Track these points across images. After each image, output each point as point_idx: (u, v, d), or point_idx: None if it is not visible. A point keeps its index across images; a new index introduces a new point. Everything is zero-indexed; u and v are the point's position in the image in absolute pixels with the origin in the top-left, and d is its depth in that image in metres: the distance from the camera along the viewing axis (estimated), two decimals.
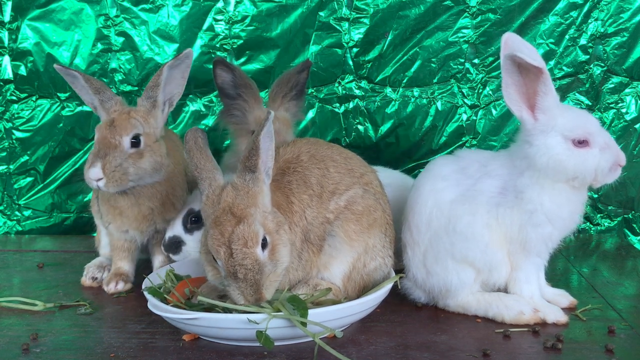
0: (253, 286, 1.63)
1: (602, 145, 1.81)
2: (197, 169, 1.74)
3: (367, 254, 1.87)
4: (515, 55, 1.76)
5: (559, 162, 1.80)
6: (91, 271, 2.37)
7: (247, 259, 1.62)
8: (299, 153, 1.90)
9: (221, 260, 1.64)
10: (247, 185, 1.69)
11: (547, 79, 1.79)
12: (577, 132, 1.80)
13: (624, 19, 2.96)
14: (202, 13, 3.06)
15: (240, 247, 1.61)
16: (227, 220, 1.64)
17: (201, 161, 1.74)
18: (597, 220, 3.13)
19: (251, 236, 1.62)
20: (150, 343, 1.76)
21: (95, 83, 2.09)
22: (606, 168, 1.82)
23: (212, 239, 1.64)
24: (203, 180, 1.73)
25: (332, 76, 3.12)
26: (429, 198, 1.93)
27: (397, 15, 3.02)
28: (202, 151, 1.75)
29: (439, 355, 1.64)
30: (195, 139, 1.76)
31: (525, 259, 1.90)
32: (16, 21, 3.10)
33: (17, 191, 3.27)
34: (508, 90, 1.85)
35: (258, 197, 1.69)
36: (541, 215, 1.83)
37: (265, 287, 1.64)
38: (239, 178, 1.70)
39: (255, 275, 1.62)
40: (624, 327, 1.82)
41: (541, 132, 1.83)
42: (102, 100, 2.09)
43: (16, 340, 1.79)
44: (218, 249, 1.63)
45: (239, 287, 1.63)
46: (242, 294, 1.63)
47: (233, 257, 1.62)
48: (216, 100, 3.17)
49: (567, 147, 1.81)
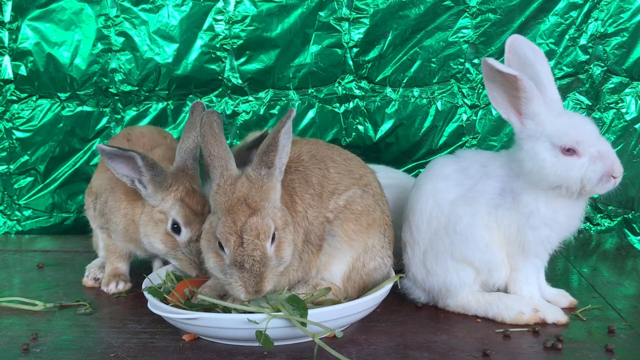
0: (256, 278, 1.63)
1: (594, 155, 1.75)
2: (210, 156, 1.73)
3: (366, 254, 1.87)
4: (487, 61, 1.76)
5: (542, 168, 1.78)
6: (92, 272, 2.37)
7: (257, 251, 1.62)
8: (300, 153, 1.91)
9: (229, 248, 1.63)
10: (262, 179, 1.69)
11: (527, 85, 1.76)
12: (564, 139, 1.76)
13: (624, 19, 2.95)
14: (202, 13, 3.06)
15: (252, 238, 1.62)
16: (241, 210, 1.64)
17: (215, 148, 1.73)
18: (597, 220, 3.13)
19: (264, 229, 1.63)
20: (150, 343, 1.76)
21: (149, 160, 2.00)
22: (594, 178, 1.75)
23: (224, 226, 1.63)
24: (215, 168, 1.72)
25: (332, 76, 3.12)
26: (430, 198, 1.93)
27: (397, 15, 3.02)
28: (216, 137, 1.74)
29: (439, 355, 1.64)
30: (210, 123, 1.75)
31: (524, 260, 1.90)
32: (16, 21, 3.10)
33: (17, 191, 3.27)
34: (493, 94, 1.84)
35: (271, 192, 1.70)
36: (538, 219, 1.83)
37: (267, 280, 1.65)
38: (254, 171, 1.70)
39: (261, 268, 1.63)
40: (624, 327, 1.82)
41: (529, 137, 1.82)
42: (154, 175, 2.01)
43: (16, 340, 1.79)
44: (229, 236, 1.63)
45: (242, 277, 1.63)
46: (244, 285, 1.63)
47: (243, 247, 1.62)
48: (216, 100, 3.17)
49: (554, 154, 1.78)
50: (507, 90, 1.81)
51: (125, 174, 2.02)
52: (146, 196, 2.04)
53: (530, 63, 1.87)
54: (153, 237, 2.05)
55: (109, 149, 1.96)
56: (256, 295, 1.64)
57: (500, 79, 1.81)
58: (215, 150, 1.73)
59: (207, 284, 1.88)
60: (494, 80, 1.82)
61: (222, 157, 1.73)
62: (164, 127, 3.08)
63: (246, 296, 1.64)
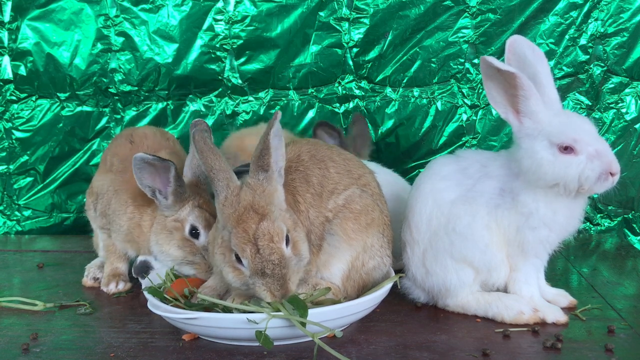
0: (280, 281, 1.63)
1: (591, 154, 1.75)
2: (212, 170, 1.71)
3: (365, 253, 1.87)
4: (486, 59, 1.76)
5: (539, 166, 1.78)
6: (92, 271, 2.37)
7: (274, 254, 1.62)
8: (300, 153, 1.91)
9: (247, 258, 1.63)
10: (262, 184, 1.69)
11: (524, 83, 1.76)
12: (562, 137, 1.76)
13: (624, 19, 2.96)
14: (202, 13, 3.07)
15: (267, 243, 1.62)
16: (250, 218, 1.64)
17: (215, 162, 1.72)
18: (597, 220, 3.13)
19: (277, 231, 1.63)
20: (150, 343, 1.76)
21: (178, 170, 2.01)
22: (592, 177, 1.75)
23: (237, 237, 1.63)
24: (220, 181, 1.71)
25: (332, 76, 3.13)
26: (429, 197, 1.93)
27: (397, 15, 3.02)
28: (214, 152, 1.73)
29: (439, 355, 1.64)
30: (204, 139, 1.74)
31: (523, 261, 1.90)
32: (16, 21, 3.10)
33: (17, 191, 3.27)
34: (491, 93, 1.84)
35: (274, 195, 1.70)
36: (537, 219, 1.83)
37: (292, 281, 1.65)
38: (253, 178, 1.70)
39: (282, 270, 1.63)
40: (624, 326, 1.82)
41: (528, 136, 1.82)
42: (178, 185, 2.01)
43: (16, 340, 1.79)
44: (244, 247, 1.62)
45: (265, 283, 1.63)
46: (269, 290, 1.63)
47: (260, 254, 1.62)
48: (216, 100, 3.17)
49: (552, 152, 1.78)
50: (505, 88, 1.82)
51: (149, 185, 2.01)
52: (165, 207, 2.04)
53: (529, 63, 1.87)
54: (167, 245, 2.04)
55: (149, 157, 1.94)
56: (283, 298, 1.63)
57: (498, 77, 1.81)
58: (217, 164, 1.72)
59: (207, 284, 1.88)
60: (493, 78, 1.82)
61: (224, 169, 1.72)
62: (164, 127, 3.08)
63: (272, 299, 1.63)
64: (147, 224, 2.11)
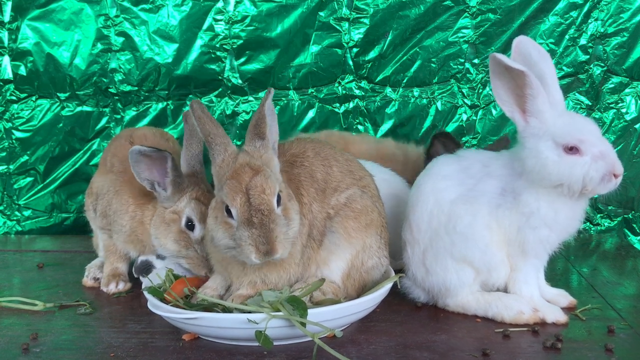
0: (266, 235, 1.62)
1: (596, 154, 1.76)
2: (209, 135, 1.74)
3: (364, 252, 1.88)
4: (496, 57, 1.77)
5: (544, 166, 1.78)
6: (92, 272, 2.37)
7: (263, 205, 1.63)
8: (305, 149, 1.94)
9: (236, 207, 1.64)
10: (259, 151, 1.73)
11: (533, 82, 1.77)
12: (567, 138, 1.76)
13: (624, 19, 2.96)
14: (202, 13, 3.07)
15: (258, 194, 1.64)
16: (244, 172, 1.67)
17: (213, 128, 1.75)
18: (597, 220, 3.13)
19: (269, 185, 1.66)
20: (150, 343, 1.76)
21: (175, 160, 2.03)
22: (596, 178, 1.75)
23: (229, 187, 1.65)
24: (217, 145, 1.74)
25: (332, 76, 3.13)
26: (430, 197, 1.93)
27: (397, 15, 3.03)
28: (212, 119, 1.77)
29: (439, 355, 1.64)
30: (202, 108, 1.77)
31: (523, 261, 1.90)
32: (16, 21, 3.10)
33: (17, 191, 3.27)
34: (498, 91, 1.84)
35: (270, 162, 1.74)
36: (538, 219, 1.83)
37: (279, 240, 1.64)
38: (249, 145, 1.74)
39: (270, 224, 1.63)
40: (624, 326, 1.82)
41: (533, 136, 1.82)
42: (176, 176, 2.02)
43: (16, 340, 1.79)
44: (235, 196, 1.64)
45: (251, 235, 1.62)
46: (255, 245, 1.62)
47: (250, 203, 1.63)
48: (216, 100, 3.17)
49: (557, 153, 1.78)
50: (512, 87, 1.82)
51: (147, 178, 2.02)
52: (164, 199, 2.05)
53: (535, 63, 1.87)
54: (165, 238, 2.05)
55: (145, 149, 1.96)
56: (268, 257, 1.63)
57: (506, 76, 1.81)
58: (214, 130, 1.75)
59: (207, 284, 1.89)
60: (500, 76, 1.82)
61: (221, 135, 1.76)
62: (164, 127, 3.09)
63: (257, 256, 1.63)
64: (150, 221, 2.11)
